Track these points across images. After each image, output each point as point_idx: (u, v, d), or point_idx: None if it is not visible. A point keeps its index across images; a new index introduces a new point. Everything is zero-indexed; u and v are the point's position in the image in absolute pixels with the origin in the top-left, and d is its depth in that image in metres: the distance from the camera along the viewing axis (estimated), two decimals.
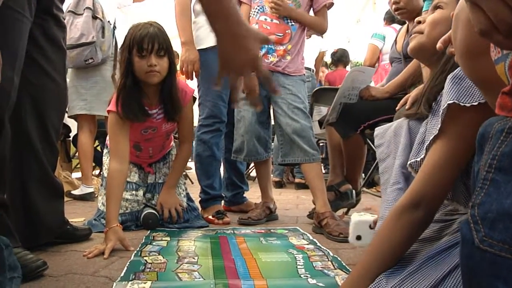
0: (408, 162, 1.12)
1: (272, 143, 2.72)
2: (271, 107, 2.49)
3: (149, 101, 2.13)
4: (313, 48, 4.77)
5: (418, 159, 1.07)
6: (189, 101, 2.27)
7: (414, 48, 1.34)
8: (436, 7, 1.34)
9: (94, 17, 3.10)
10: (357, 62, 6.48)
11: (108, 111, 2.07)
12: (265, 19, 2.36)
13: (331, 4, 2.47)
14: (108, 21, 3.20)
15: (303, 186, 4.45)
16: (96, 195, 3.29)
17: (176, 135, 2.45)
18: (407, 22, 2.47)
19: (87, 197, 3.25)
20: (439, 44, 0.94)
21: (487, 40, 0.55)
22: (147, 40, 2.01)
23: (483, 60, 0.68)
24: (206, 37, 2.51)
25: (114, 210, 1.86)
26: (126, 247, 1.75)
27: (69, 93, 3.11)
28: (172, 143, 2.47)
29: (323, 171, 2.61)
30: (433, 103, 1.09)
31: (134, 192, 2.27)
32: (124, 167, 2.00)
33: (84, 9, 3.08)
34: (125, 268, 1.47)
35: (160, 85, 2.11)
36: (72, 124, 4.13)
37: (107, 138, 2.26)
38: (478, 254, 0.56)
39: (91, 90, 3.18)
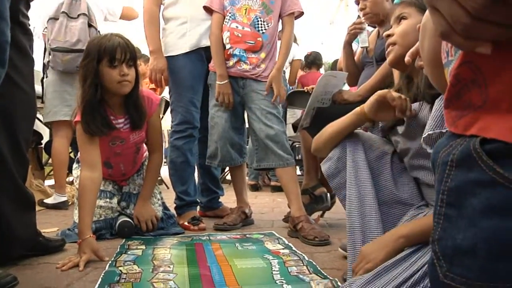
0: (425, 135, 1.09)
1: (247, 147, 2.72)
2: (245, 112, 2.50)
3: (113, 109, 2.11)
4: None
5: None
6: (155, 109, 2.25)
7: (393, 61, 1.37)
8: (400, 18, 1.38)
9: (89, 25, 3.06)
10: (330, 64, 6.53)
11: (75, 122, 2.02)
12: (236, 26, 2.36)
13: (301, 14, 2.47)
14: (98, 31, 3.15)
15: (278, 189, 4.44)
16: (69, 203, 3.24)
17: None
18: (378, 27, 2.51)
19: (61, 206, 3.19)
20: (407, 58, 0.95)
21: (448, 42, 0.57)
22: (120, 50, 1.98)
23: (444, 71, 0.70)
24: (174, 44, 2.51)
25: (87, 220, 1.83)
26: (100, 258, 1.73)
27: (51, 97, 3.10)
28: (146, 153, 2.44)
29: (298, 173, 2.63)
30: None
31: (108, 199, 2.25)
32: (96, 175, 1.96)
33: (79, 15, 3.03)
34: (100, 280, 1.46)
35: (124, 96, 2.09)
36: (44, 131, 4.06)
37: None
38: None
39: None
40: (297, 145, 4.53)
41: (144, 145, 2.39)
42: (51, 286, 1.42)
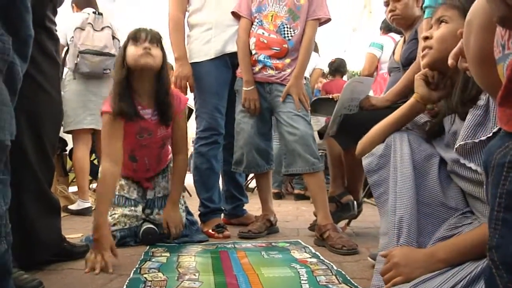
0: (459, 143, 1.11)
1: (273, 153, 2.68)
2: (273, 118, 2.47)
3: (141, 99, 2.12)
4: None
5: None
6: (183, 108, 2.26)
7: (429, 64, 1.35)
8: (440, 21, 1.33)
9: (113, 37, 3.26)
10: (353, 72, 6.46)
11: (102, 112, 2.06)
12: (263, 33, 2.34)
13: (327, 20, 2.41)
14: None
15: (302, 197, 4.41)
16: (93, 209, 3.24)
17: None
18: (403, 32, 2.46)
19: (85, 212, 3.22)
20: (450, 61, 0.91)
21: (508, 28, 0.52)
22: (143, 31, 2.08)
23: (497, 67, 0.66)
24: (199, 51, 2.50)
25: (104, 213, 1.83)
26: (114, 255, 1.73)
27: (74, 106, 3.20)
28: (170, 155, 2.42)
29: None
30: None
31: (133, 208, 2.23)
32: (116, 169, 1.97)
33: (103, 28, 3.24)
34: (124, 287, 1.43)
35: (153, 82, 2.10)
36: (69, 138, 4.10)
37: None
38: None
39: (100, 105, 3.16)
40: (321, 153, 4.48)
41: (169, 147, 2.38)
42: None
